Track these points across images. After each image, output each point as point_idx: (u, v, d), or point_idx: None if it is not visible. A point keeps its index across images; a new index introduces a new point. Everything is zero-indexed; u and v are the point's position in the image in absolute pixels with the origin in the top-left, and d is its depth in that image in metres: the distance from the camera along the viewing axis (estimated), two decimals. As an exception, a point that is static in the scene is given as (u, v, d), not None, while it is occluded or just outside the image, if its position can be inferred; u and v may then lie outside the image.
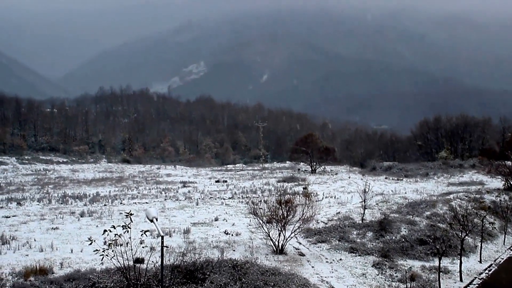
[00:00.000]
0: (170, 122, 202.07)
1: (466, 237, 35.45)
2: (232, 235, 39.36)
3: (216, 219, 45.70)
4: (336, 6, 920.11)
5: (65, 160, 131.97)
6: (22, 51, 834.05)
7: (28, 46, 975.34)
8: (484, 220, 40.06)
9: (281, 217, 35.02)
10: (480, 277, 33.17)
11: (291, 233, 35.21)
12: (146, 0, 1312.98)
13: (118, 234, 20.89)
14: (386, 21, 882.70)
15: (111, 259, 21.75)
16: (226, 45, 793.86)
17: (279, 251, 34.78)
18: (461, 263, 32.76)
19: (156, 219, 21.60)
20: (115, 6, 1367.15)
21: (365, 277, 31.27)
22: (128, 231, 20.94)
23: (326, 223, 43.46)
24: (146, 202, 56.77)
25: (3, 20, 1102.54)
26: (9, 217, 46.06)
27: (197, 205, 55.08)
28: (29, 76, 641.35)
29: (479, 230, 39.46)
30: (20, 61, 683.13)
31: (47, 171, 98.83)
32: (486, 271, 34.65)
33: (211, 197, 61.60)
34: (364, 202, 43.95)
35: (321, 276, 30.51)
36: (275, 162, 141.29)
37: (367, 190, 44.20)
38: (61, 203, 55.96)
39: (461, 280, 31.83)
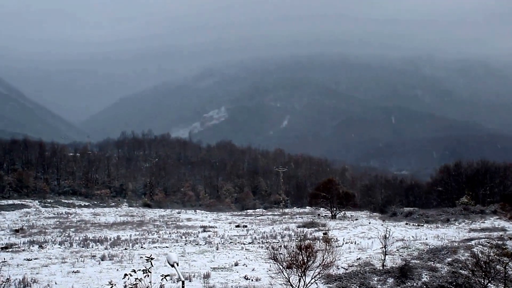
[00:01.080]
0: (191, 167, 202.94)
1: (489, 284, 35.11)
2: (252, 280, 39.34)
3: (236, 264, 45.67)
4: (355, 52, 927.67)
5: (86, 203, 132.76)
6: (47, 96, 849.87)
7: (53, 91, 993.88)
8: (507, 267, 39.63)
9: (301, 262, 34.96)
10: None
11: (311, 278, 35.11)
12: (167, 48, 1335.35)
13: (139, 278, 21.05)
14: (405, 67, 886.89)
15: (131, 303, 21.89)
16: (246, 90, 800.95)
17: (299, 296, 34.66)
18: (483, 310, 32.41)
19: (177, 264, 21.83)
20: (136, 53, 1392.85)
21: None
22: (148, 276, 21.11)
23: (346, 269, 43.26)
24: (167, 247, 56.92)
25: (29, 68, 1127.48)
26: (31, 260, 46.53)
27: (217, 249, 55.11)
28: (53, 120, 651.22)
29: (502, 277, 39.00)
30: (45, 106, 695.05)
31: (69, 215, 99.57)
32: (509, 319, 34.19)
33: (231, 242, 61.57)
34: (385, 248, 43.75)
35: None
36: (295, 207, 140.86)
37: (387, 236, 44.04)
38: (82, 247, 56.36)
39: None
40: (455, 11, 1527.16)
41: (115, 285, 21.68)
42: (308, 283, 34.94)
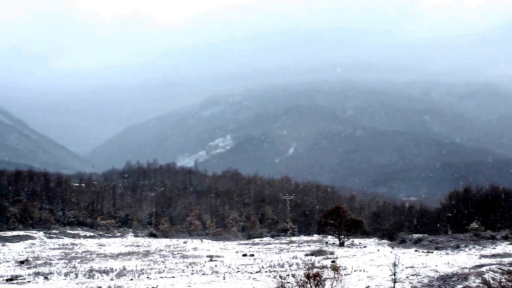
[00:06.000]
0: (197, 196, 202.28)
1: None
2: (259, 310, 38.61)
3: (244, 294, 44.98)
4: (361, 77, 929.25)
5: (92, 234, 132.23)
6: (51, 127, 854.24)
7: (58, 123, 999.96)
8: (519, 294, 38.82)
9: (310, 291, 34.34)
10: None
11: (320, 307, 34.42)
12: (172, 77, 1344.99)
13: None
14: (413, 92, 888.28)
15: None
16: (252, 118, 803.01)
17: (308, 326, 33.92)
18: None
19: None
20: (141, 82, 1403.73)
21: None
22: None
23: (355, 298, 42.49)
24: (173, 277, 56.29)
25: (34, 99, 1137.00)
26: (36, 292, 45.95)
27: (224, 279, 54.44)
28: (58, 151, 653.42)
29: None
30: (50, 137, 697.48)
31: (74, 245, 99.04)
32: None
33: (238, 271, 60.86)
34: (394, 276, 43.04)
35: None
36: (302, 235, 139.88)
37: (396, 263, 43.35)
38: (88, 278, 55.82)
39: None
40: (462, 35, 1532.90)
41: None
42: (317, 312, 34.23)
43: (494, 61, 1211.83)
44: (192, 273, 59.22)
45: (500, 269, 52.75)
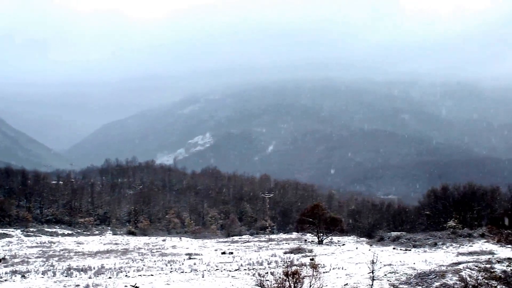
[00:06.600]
0: (176, 194, 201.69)
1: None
2: (238, 308, 38.62)
3: (222, 292, 44.96)
4: (341, 76, 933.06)
5: (70, 232, 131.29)
6: (30, 125, 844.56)
7: (36, 120, 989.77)
8: (495, 291, 39.24)
9: (288, 289, 34.40)
10: None
11: (299, 305, 34.51)
12: (151, 75, 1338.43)
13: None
14: (392, 91, 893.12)
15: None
16: (232, 116, 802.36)
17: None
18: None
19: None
20: (119, 79, 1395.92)
21: None
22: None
23: (334, 295, 42.65)
24: (152, 275, 56.10)
25: (12, 97, 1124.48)
26: (13, 290, 45.54)
27: (203, 277, 54.35)
28: (36, 148, 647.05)
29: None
30: (27, 134, 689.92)
31: (52, 243, 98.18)
32: None
33: (217, 269, 60.79)
34: (372, 273, 43.26)
35: None
36: (281, 233, 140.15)
37: (375, 260, 43.58)
38: (66, 276, 55.42)
39: None
40: (439, 39, 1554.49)
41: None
42: (296, 310, 34.30)
43: (471, 62, 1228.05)
44: (171, 271, 59.05)
45: (477, 266, 53.26)
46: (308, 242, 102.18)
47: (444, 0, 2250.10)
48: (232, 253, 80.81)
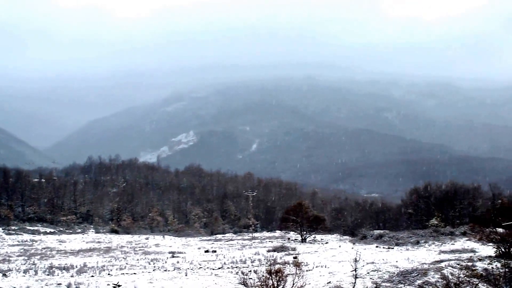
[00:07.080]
0: (159, 192, 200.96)
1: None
2: (221, 306, 38.58)
3: (206, 290, 44.87)
4: (324, 75, 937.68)
5: (52, 230, 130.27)
6: (11, 122, 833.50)
7: (18, 117, 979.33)
8: (477, 289, 39.51)
9: (272, 287, 34.42)
10: None
11: (282, 303, 34.53)
12: (134, 73, 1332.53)
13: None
14: (374, 90, 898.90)
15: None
16: (215, 114, 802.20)
17: (270, 322, 34.00)
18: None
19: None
20: (103, 76, 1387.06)
21: None
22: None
23: (317, 293, 42.72)
24: (135, 273, 55.86)
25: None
26: (-7, 289, 45.16)
27: (186, 276, 54.21)
28: (18, 146, 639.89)
29: (472, 299, 38.86)
30: (8, 131, 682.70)
31: (34, 242, 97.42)
32: None
33: (200, 268, 60.67)
34: (355, 271, 43.39)
35: None
36: (265, 232, 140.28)
37: (357, 259, 43.73)
38: (48, 274, 54.98)
39: None
40: (422, 40, 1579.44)
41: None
42: (279, 308, 34.33)
43: (452, 62, 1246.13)
44: (154, 270, 58.83)
45: (458, 264, 53.60)
46: (292, 240, 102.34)
47: (428, 7, 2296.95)
48: (215, 251, 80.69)
